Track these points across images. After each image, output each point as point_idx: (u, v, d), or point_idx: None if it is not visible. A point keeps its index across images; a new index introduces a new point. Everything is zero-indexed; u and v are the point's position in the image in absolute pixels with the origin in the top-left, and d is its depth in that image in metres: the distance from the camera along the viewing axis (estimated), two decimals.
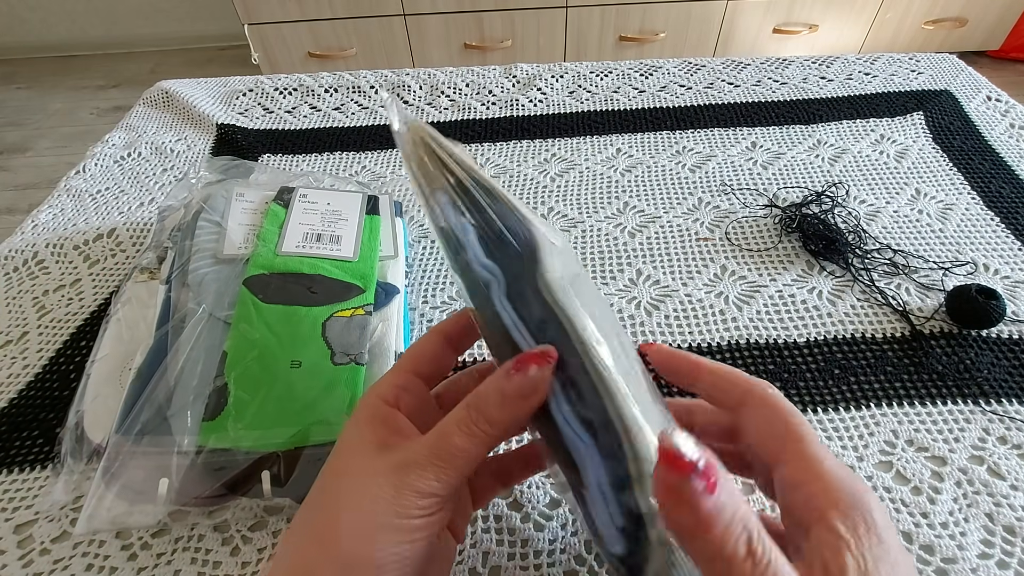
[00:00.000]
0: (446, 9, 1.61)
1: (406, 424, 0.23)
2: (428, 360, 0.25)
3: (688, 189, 0.53)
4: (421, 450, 0.20)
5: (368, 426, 0.22)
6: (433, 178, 0.23)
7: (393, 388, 0.24)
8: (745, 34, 1.73)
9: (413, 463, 0.20)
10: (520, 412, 0.21)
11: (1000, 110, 0.62)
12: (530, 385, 0.20)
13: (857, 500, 0.18)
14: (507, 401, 0.20)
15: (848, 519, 0.17)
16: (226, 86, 0.71)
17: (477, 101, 0.67)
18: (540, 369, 0.20)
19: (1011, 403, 0.35)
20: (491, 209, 0.22)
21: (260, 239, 0.37)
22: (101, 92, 2.04)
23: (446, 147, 0.24)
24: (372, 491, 0.20)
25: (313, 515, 0.21)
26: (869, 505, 0.18)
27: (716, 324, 0.41)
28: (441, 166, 0.23)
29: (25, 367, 0.39)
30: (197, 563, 0.29)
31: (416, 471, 0.20)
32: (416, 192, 0.24)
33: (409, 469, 0.20)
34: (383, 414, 0.23)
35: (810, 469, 0.19)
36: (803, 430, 0.20)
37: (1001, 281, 0.43)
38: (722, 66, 0.71)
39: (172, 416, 0.29)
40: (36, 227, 0.51)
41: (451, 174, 0.23)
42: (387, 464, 0.20)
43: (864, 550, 0.17)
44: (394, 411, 0.23)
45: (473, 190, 0.23)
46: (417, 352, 0.25)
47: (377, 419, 0.22)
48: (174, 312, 0.34)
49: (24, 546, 0.30)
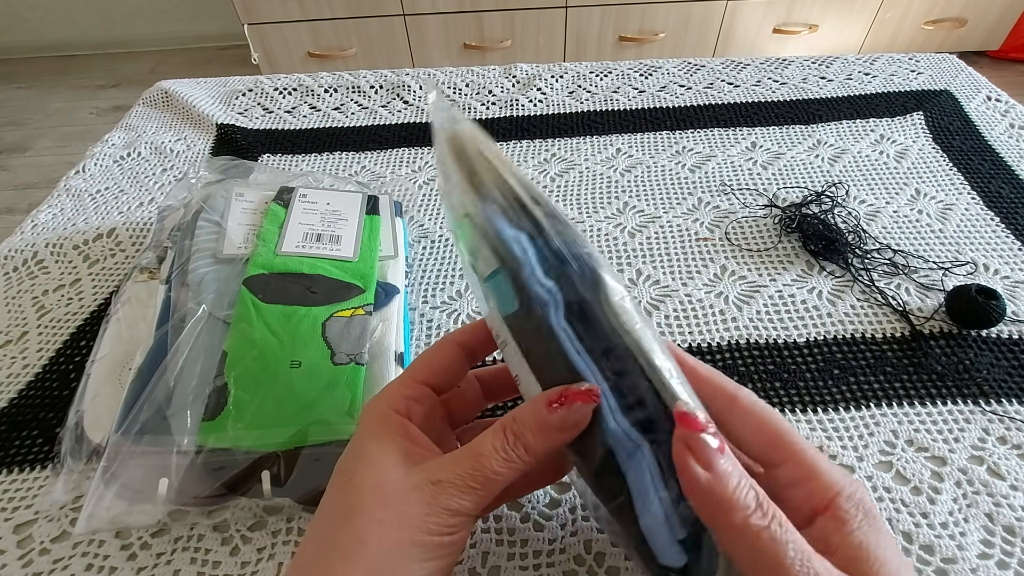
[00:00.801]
0: (446, 9, 1.61)
1: (421, 436, 0.23)
2: (440, 371, 0.25)
3: (688, 189, 0.53)
4: (456, 469, 0.20)
5: (387, 438, 0.22)
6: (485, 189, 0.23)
7: (403, 399, 0.23)
8: (745, 34, 1.73)
9: (447, 482, 0.20)
10: (557, 443, 0.21)
11: (1000, 110, 0.62)
12: (573, 420, 0.20)
13: (854, 492, 0.20)
14: (546, 432, 0.20)
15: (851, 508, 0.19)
16: (226, 86, 0.71)
17: (477, 101, 0.67)
18: (585, 406, 0.20)
19: (1011, 403, 0.35)
20: (552, 228, 0.22)
21: (260, 239, 0.37)
22: (101, 92, 2.04)
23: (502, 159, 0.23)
24: (401, 507, 0.20)
25: (337, 529, 0.20)
26: (864, 496, 0.20)
27: (716, 324, 0.41)
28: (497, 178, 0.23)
29: (25, 367, 0.39)
30: (197, 563, 0.29)
31: (450, 490, 0.20)
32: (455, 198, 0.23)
33: (442, 488, 0.20)
34: (398, 425, 0.22)
35: (809, 468, 0.20)
36: (795, 435, 0.21)
37: (1001, 281, 0.43)
38: (722, 66, 0.71)
39: (172, 416, 0.29)
40: (36, 227, 0.51)
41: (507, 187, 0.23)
42: (416, 480, 0.20)
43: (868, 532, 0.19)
44: (407, 422, 0.23)
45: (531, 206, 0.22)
46: (429, 362, 0.25)
47: (394, 431, 0.22)
48: (174, 312, 0.34)
49: (24, 546, 0.30)
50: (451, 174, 0.24)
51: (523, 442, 0.21)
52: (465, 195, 0.24)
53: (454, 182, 0.24)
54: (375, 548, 0.19)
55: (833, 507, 0.19)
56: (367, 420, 0.23)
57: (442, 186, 0.25)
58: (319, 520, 0.21)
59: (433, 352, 0.25)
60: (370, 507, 0.20)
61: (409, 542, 0.19)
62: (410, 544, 0.19)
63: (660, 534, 0.20)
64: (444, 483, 0.20)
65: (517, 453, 0.20)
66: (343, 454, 0.23)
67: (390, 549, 0.19)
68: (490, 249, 0.22)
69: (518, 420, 0.21)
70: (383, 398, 0.24)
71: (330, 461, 0.29)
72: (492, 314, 0.24)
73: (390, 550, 0.19)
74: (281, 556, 0.29)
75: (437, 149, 0.25)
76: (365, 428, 0.23)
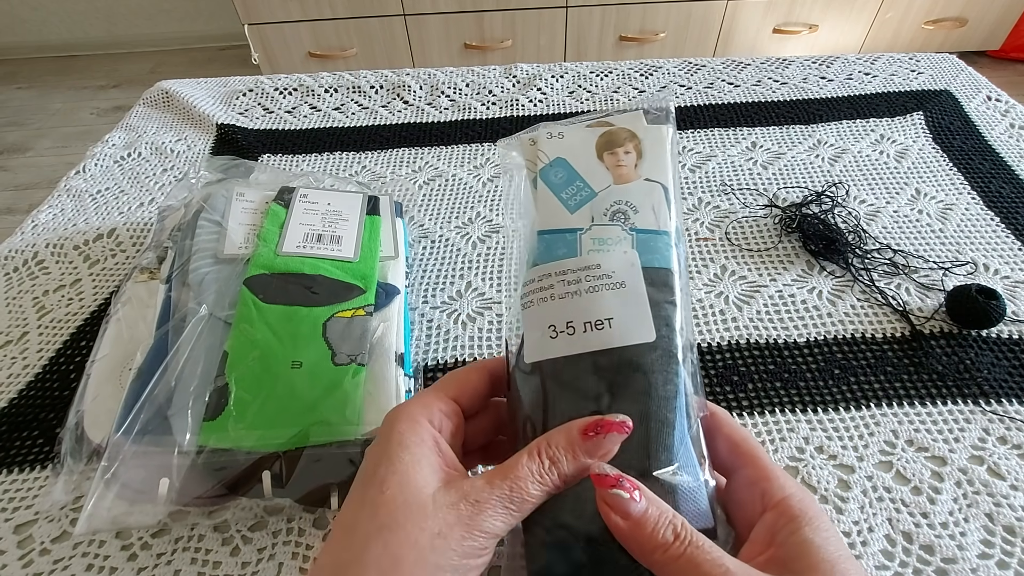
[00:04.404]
0: (446, 9, 1.61)
1: (449, 453, 0.22)
2: (471, 392, 0.25)
3: (688, 189, 0.53)
4: (494, 491, 0.20)
5: (420, 449, 0.22)
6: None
7: (438, 413, 0.23)
8: (745, 34, 1.73)
9: (485, 504, 0.20)
10: (585, 471, 0.21)
11: (1000, 110, 0.62)
12: (605, 450, 0.21)
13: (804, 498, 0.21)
14: (578, 459, 0.21)
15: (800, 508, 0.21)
16: (226, 86, 0.71)
17: (477, 101, 0.67)
18: (619, 436, 0.21)
19: (1011, 403, 0.35)
20: None
21: (261, 239, 0.37)
22: (101, 92, 2.04)
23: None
24: (437, 528, 0.20)
25: (367, 545, 0.19)
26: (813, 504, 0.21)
27: (716, 324, 0.41)
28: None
29: (25, 367, 0.39)
30: (197, 563, 0.29)
31: (488, 512, 0.20)
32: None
33: (481, 509, 0.20)
34: (431, 438, 0.22)
35: (763, 471, 0.22)
36: (755, 445, 0.24)
37: (1001, 281, 0.43)
38: (722, 66, 0.71)
39: (172, 416, 0.29)
40: (36, 227, 0.51)
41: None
42: (452, 499, 0.20)
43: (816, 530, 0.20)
44: (439, 436, 0.23)
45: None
46: (464, 380, 0.25)
47: (427, 443, 0.22)
48: (174, 312, 0.34)
49: (24, 546, 0.30)
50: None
51: (558, 468, 0.21)
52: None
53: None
54: (410, 570, 0.19)
55: (782, 505, 0.21)
56: (400, 426, 0.22)
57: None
58: (345, 531, 0.21)
59: (468, 371, 0.26)
60: (405, 525, 0.20)
61: (445, 566, 0.19)
62: (446, 567, 0.19)
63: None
64: (482, 503, 0.20)
65: (551, 477, 0.21)
66: (368, 457, 0.22)
67: (424, 570, 0.19)
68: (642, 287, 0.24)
69: (553, 445, 0.21)
70: (417, 406, 0.23)
71: (331, 462, 0.29)
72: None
73: (424, 571, 0.19)
74: (281, 556, 0.29)
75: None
76: (397, 435, 0.22)
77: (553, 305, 0.24)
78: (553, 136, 0.27)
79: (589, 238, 0.25)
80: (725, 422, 0.24)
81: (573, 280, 0.24)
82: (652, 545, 0.19)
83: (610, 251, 0.24)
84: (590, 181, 0.26)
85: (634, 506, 0.20)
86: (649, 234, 0.25)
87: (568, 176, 0.26)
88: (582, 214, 0.26)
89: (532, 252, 0.26)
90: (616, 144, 0.27)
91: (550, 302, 0.24)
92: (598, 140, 0.27)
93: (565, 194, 0.26)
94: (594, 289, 0.23)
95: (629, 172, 0.26)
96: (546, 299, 0.24)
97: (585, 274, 0.24)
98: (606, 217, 0.25)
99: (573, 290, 0.24)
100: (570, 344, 0.23)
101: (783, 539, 0.20)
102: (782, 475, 0.22)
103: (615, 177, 0.26)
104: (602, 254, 0.24)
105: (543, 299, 0.24)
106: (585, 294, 0.23)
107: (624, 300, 0.23)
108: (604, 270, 0.24)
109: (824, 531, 0.20)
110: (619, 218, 0.25)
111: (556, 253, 0.25)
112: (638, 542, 0.20)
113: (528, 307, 0.25)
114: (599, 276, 0.24)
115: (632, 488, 0.20)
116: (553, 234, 0.25)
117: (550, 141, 0.27)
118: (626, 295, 0.23)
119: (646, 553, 0.20)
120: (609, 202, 0.26)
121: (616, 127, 0.27)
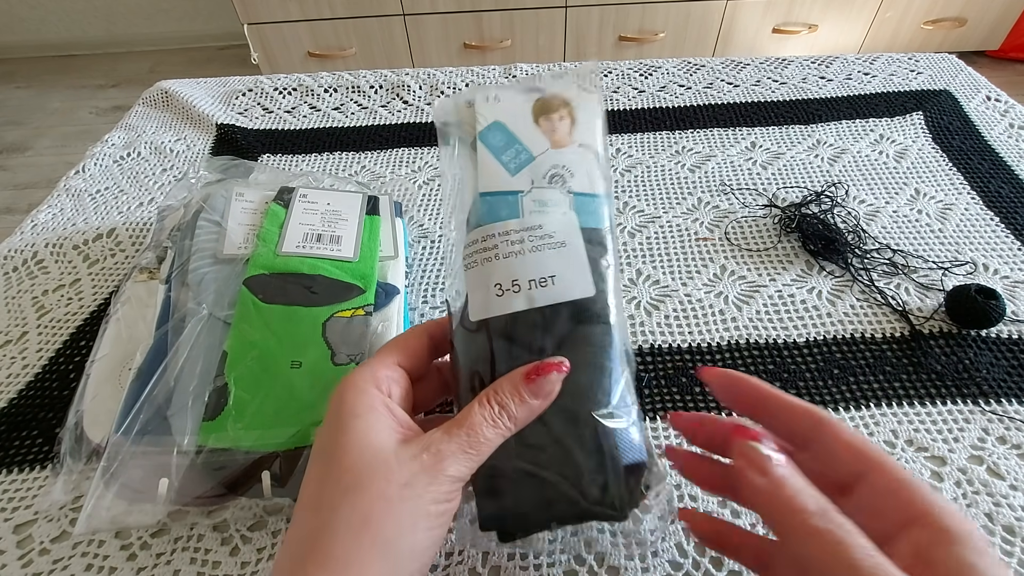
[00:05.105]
0: (446, 9, 1.61)
1: (402, 414, 0.23)
2: (413, 355, 0.26)
3: (688, 189, 0.53)
4: (453, 440, 0.22)
5: (372, 415, 0.22)
6: None
7: (384, 378, 0.24)
8: (745, 34, 1.73)
9: (447, 453, 0.21)
10: (534, 411, 0.23)
11: (1000, 110, 0.62)
12: (547, 390, 0.23)
13: (958, 512, 0.19)
14: (525, 401, 0.23)
15: (957, 522, 0.18)
16: (226, 86, 0.71)
17: None
18: (559, 376, 0.23)
19: (1010, 403, 0.35)
20: None
21: (260, 239, 0.37)
22: (100, 92, 2.04)
23: None
24: (403, 479, 0.21)
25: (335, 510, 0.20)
26: (969, 520, 0.19)
27: (716, 324, 0.41)
28: None
29: (25, 367, 0.39)
30: (196, 563, 0.29)
31: (450, 459, 0.21)
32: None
33: (442, 457, 0.21)
34: (381, 403, 0.23)
35: (903, 479, 0.20)
36: (880, 449, 0.21)
37: (1001, 281, 0.43)
38: (722, 66, 0.71)
39: (172, 416, 0.29)
40: (36, 227, 0.51)
41: None
42: (413, 452, 0.21)
43: (981, 554, 0.17)
44: (388, 400, 0.23)
45: None
46: (404, 345, 0.26)
47: (377, 408, 0.23)
48: (174, 312, 0.34)
49: (23, 546, 0.30)
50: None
51: (507, 411, 0.22)
52: None
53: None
54: (380, 522, 0.20)
55: (934, 521, 0.18)
56: (347, 396, 0.23)
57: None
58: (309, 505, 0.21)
59: (407, 336, 0.26)
60: (370, 484, 0.20)
61: (416, 512, 0.20)
62: (417, 514, 0.20)
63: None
64: (445, 453, 0.21)
65: (502, 421, 0.22)
66: (320, 435, 0.23)
67: (397, 521, 0.20)
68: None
69: (500, 391, 0.23)
70: (362, 375, 0.24)
71: None
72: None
73: (397, 522, 0.20)
74: None
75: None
76: (347, 406, 0.23)
77: (498, 264, 0.25)
78: (490, 100, 0.28)
79: (530, 199, 0.26)
80: (842, 427, 0.22)
81: (516, 240, 0.25)
82: (791, 507, 0.18)
83: (550, 212, 0.26)
84: (528, 145, 0.27)
85: (773, 466, 0.19)
86: (585, 197, 0.27)
87: (507, 140, 0.27)
88: (522, 177, 0.27)
89: (475, 213, 0.27)
90: (551, 110, 0.28)
91: (495, 261, 0.25)
92: (534, 105, 0.28)
93: (505, 157, 0.27)
94: (537, 248, 0.25)
95: (564, 137, 0.27)
96: (490, 259, 0.25)
97: (528, 234, 0.25)
98: (544, 180, 0.27)
99: (517, 250, 0.25)
100: (515, 301, 0.24)
101: (939, 559, 0.17)
102: (926, 486, 0.20)
103: (552, 142, 0.27)
104: (543, 215, 0.26)
105: (487, 259, 0.25)
106: (528, 253, 0.25)
107: (565, 258, 0.25)
108: (546, 230, 0.25)
109: (986, 555, 0.17)
110: (557, 181, 0.27)
111: (499, 214, 0.26)
112: (773, 505, 0.19)
113: (472, 267, 0.26)
114: (541, 236, 0.25)
115: (776, 446, 0.20)
116: (495, 196, 0.26)
117: (487, 104, 0.28)
118: (567, 254, 0.25)
119: (782, 515, 0.19)
120: (547, 166, 0.27)
121: (550, 94, 0.28)
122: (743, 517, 0.30)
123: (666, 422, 0.34)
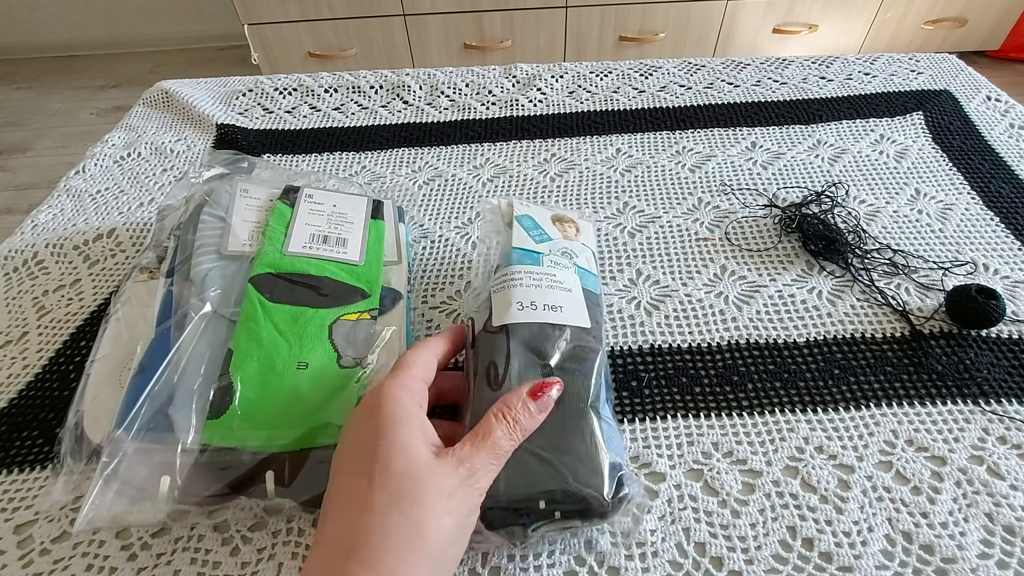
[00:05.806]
0: (446, 9, 1.61)
1: (429, 425, 0.26)
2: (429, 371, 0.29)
3: (688, 189, 0.53)
4: (481, 452, 0.25)
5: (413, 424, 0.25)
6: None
7: (418, 390, 0.27)
8: (745, 34, 1.73)
9: (479, 465, 0.24)
10: (539, 421, 0.27)
11: (1000, 110, 0.62)
12: (549, 405, 0.27)
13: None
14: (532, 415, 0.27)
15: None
16: (226, 86, 0.71)
17: (477, 101, 0.67)
18: (557, 391, 0.28)
19: (1011, 403, 0.35)
20: None
21: (266, 237, 0.37)
22: (101, 92, 2.04)
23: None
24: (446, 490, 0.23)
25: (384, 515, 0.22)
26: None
27: (716, 324, 0.41)
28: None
29: (25, 367, 0.39)
30: (197, 563, 0.29)
31: (481, 471, 0.24)
32: None
33: (475, 470, 0.24)
34: (417, 414, 0.26)
35: None
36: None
37: (1001, 281, 0.43)
38: (722, 66, 0.71)
39: (174, 413, 0.29)
40: (36, 227, 0.51)
41: None
42: (451, 465, 0.24)
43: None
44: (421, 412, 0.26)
45: None
46: (424, 361, 0.29)
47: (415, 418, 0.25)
48: (176, 307, 0.33)
49: (24, 546, 0.30)
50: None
51: (520, 425, 0.26)
52: None
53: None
54: (433, 536, 0.22)
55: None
56: (386, 404, 0.25)
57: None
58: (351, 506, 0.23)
59: (422, 352, 0.30)
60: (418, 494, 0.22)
61: (460, 525, 0.23)
62: (461, 527, 0.23)
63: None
64: (475, 467, 0.24)
65: (516, 432, 0.26)
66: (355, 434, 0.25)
67: (445, 534, 0.22)
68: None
69: (512, 407, 0.26)
70: (395, 385, 0.26)
71: None
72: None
73: (445, 535, 0.22)
74: (281, 556, 0.29)
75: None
76: (386, 411, 0.25)
77: (521, 289, 0.33)
78: (522, 203, 0.41)
79: (548, 259, 0.36)
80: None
81: (536, 278, 0.34)
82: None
83: (562, 270, 0.36)
84: (548, 232, 0.39)
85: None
86: (585, 271, 0.37)
87: (534, 225, 0.39)
88: (542, 248, 0.37)
89: (505, 260, 0.36)
90: (564, 220, 0.41)
91: (519, 287, 0.33)
92: (552, 215, 0.41)
93: (532, 233, 0.38)
94: (551, 287, 0.34)
95: (572, 236, 0.40)
96: (516, 286, 0.33)
97: (545, 278, 0.34)
98: (558, 254, 0.37)
99: (535, 284, 0.34)
100: (532, 315, 0.32)
101: None
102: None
103: (563, 236, 0.39)
104: (556, 269, 0.35)
105: (513, 285, 0.33)
106: (544, 288, 0.34)
107: (570, 299, 0.34)
108: (558, 279, 0.35)
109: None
110: (567, 256, 0.37)
111: (524, 262, 0.35)
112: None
113: (498, 291, 0.34)
114: (554, 281, 0.34)
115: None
116: (523, 251, 0.36)
117: (520, 204, 0.40)
118: (572, 297, 0.34)
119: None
120: (560, 247, 0.38)
121: (561, 213, 0.41)
122: (743, 517, 0.30)
123: (666, 422, 0.35)
